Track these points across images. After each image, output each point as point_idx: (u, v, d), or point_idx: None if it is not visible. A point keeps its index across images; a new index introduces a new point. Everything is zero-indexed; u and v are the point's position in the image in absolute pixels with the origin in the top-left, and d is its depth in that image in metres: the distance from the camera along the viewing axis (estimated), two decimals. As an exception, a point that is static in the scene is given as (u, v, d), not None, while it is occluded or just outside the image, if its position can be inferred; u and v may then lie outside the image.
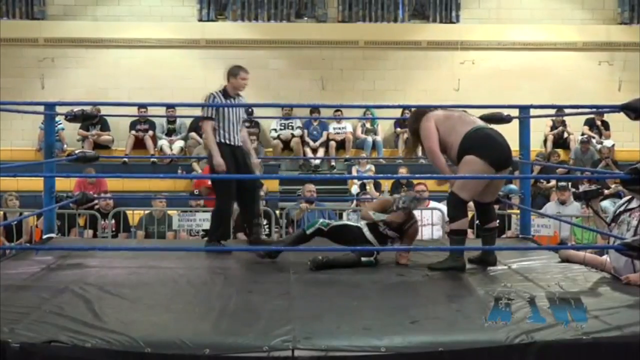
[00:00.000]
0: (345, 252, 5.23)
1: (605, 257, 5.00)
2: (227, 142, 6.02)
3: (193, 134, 12.85)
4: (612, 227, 4.86)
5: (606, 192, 9.59)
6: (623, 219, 4.76)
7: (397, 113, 11.94)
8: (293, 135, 12.93)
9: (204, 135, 6.17)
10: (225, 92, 6.09)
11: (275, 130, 13.11)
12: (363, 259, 5.19)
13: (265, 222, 9.00)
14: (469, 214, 5.42)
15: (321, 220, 5.67)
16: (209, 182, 8.36)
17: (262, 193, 10.18)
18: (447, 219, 8.91)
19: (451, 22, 13.70)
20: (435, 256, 5.58)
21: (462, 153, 5.17)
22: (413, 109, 5.81)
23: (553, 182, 11.28)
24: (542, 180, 11.63)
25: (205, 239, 6.53)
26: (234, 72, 6.13)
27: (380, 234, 5.45)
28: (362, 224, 5.53)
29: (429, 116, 5.33)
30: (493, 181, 5.29)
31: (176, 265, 5.20)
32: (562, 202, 9.63)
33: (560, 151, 12.64)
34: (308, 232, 5.51)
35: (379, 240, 5.45)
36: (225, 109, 5.98)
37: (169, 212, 9.25)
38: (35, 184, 8.54)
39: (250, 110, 12.45)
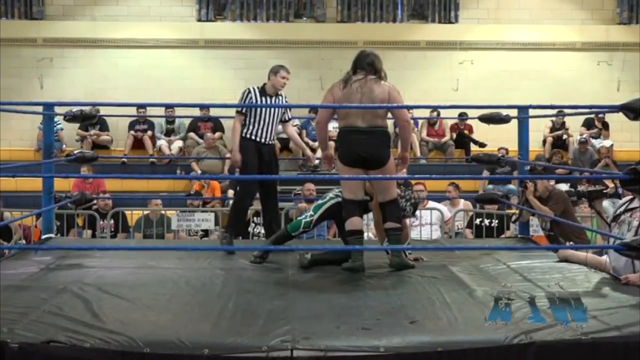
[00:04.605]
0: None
1: (604, 257, 5.00)
2: (254, 138, 6.04)
3: (192, 134, 12.85)
4: (612, 226, 4.86)
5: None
6: (624, 219, 4.75)
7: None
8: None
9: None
10: (263, 90, 6.11)
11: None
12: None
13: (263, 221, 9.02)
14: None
15: (304, 220, 5.58)
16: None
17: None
18: (446, 218, 8.99)
19: (450, 22, 13.69)
20: (435, 255, 5.61)
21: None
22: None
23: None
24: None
25: (204, 238, 6.54)
26: (275, 69, 6.15)
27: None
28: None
29: (332, 88, 5.30)
30: (362, 181, 5.29)
31: (175, 266, 5.20)
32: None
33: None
34: (293, 234, 5.57)
35: None
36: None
37: (168, 212, 9.24)
38: (34, 184, 8.53)
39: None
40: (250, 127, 6.03)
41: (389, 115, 5.34)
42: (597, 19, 13.83)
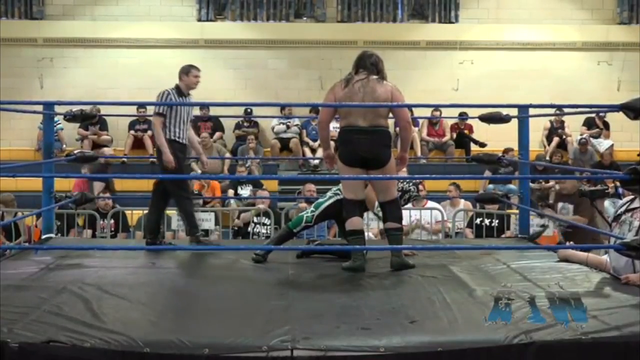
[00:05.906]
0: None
1: (605, 256, 5.00)
2: (178, 139, 6.09)
3: (192, 134, 12.84)
4: (613, 226, 4.86)
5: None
6: (624, 219, 4.74)
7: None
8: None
9: (154, 131, 6.20)
10: (179, 90, 6.16)
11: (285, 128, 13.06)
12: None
13: (268, 221, 9.05)
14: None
15: (305, 215, 5.64)
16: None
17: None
18: (445, 218, 8.98)
19: (450, 22, 13.70)
20: (435, 255, 5.60)
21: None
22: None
23: (552, 182, 11.27)
24: (541, 181, 11.61)
25: (204, 238, 6.54)
26: (186, 70, 6.25)
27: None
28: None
29: (333, 87, 5.27)
30: (365, 180, 5.27)
31: (175, 266, 5.20)
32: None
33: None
34: (295, 230, 5.60)
35: None
36: (177, 107, 6.06)
37: (168, 212, 9.22)
38: (34, 184, 8.52)
39: (249, 110, 12.49)
40: (173, 129, 6.07)
41: (390, 115, 5.33)
42: (597, 18, 13.83)
